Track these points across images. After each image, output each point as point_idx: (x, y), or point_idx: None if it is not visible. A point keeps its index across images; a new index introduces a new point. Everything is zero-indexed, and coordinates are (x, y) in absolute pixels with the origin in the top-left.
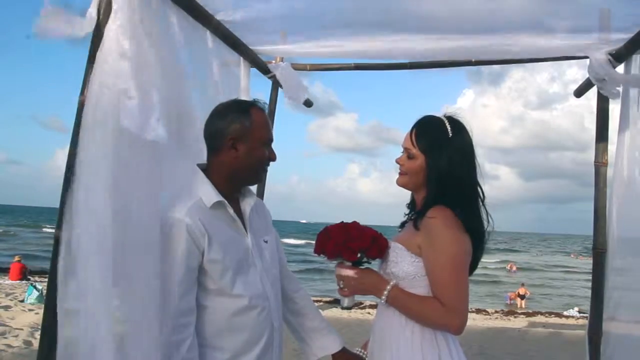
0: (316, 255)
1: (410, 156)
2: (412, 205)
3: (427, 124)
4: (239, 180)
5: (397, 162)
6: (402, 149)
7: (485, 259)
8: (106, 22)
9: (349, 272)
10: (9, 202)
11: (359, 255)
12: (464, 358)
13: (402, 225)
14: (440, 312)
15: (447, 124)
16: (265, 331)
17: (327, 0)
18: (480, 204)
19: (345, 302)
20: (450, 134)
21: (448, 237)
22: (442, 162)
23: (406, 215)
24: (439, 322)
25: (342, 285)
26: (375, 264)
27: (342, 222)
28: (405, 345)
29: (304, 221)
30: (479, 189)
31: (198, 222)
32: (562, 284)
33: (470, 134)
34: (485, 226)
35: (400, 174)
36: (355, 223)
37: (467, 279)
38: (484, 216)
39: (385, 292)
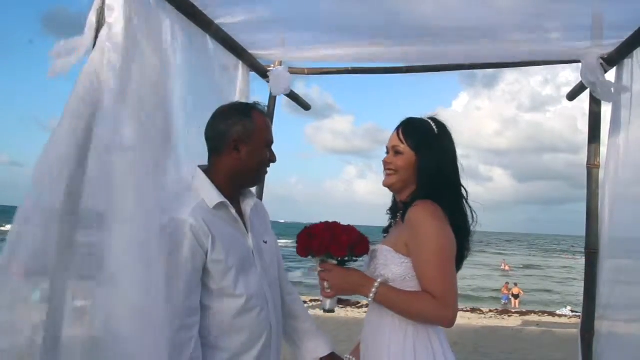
0: (301, 256)
1: (397, 152)
2: (393, 210)
3: (414, 123)
4: (241, 181)
5: (384, 161)
6: (386, 150)
7: (485, 259)
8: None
9: (336, 271)
10: (11, 203)
11: (347, 251)
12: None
13: (386, 230)
14: (432, 305)
15: (432, 124)
16: (264, 331)
17: (326, 5)
18: (465, 202)
19: (328, 304)
20: (437, 133)
21: (432, 229)
22: (432, 159)
23: (389, 220)
24: (432, 315)
25: (327, 286)
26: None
27: (321, 222)
28: (399, 346)
29: (282, 221)
30: (462, 188)
31: (202, 222)
32: (554, 284)
33: (452, 135)
34: (470, 223)
35: (388, 174)
36: (336, 223)
37: (455, 271)
38: (468, 214)
39: (374, 290)
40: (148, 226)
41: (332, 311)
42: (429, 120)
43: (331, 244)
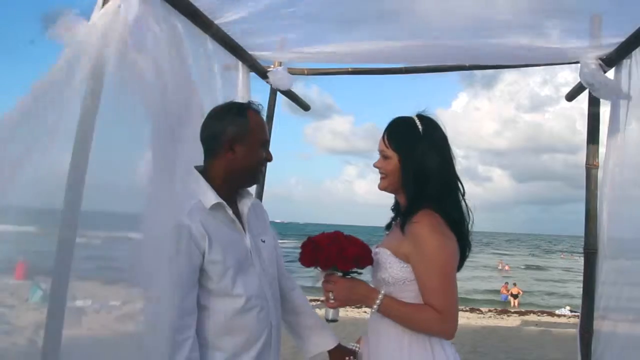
0: (305, 266)
1: (385, 157)
2: (396, 208)
3: (398, 124)
4: (237, 181)
5: (375, 166)
6: (378, 155)
7: (484, 259)
8: (108, 28)
9: (340, 283)
10: None
11: (353, 264)
12: (458, 358)
13: (388, 227)
14: (435, 318)
15: (417, 122)
16: (264, 330)
17: (325, 6)
18: (461, 197)
19: (331, 314)
20: (422, 131)
21: (435, 244)
22: (416, 158)
23: (392, 218)
24: (434, 329)
25: (332, 297)
26: (366, 272)
27: (324, 232)
28: (401, 351)
29: (278, 220)
30: (458, 183)
31: (198, 223)
32: (554, 284)
33: (444, 129)
34: (467, 219)
35: (381, 178)
36: (339, 232)
37: (456, 284)
38: (464, 210)
39: (377, 302)
40: (147, 227)
41: (335, 320)
42: (415, 119)
43: (338, 259)
